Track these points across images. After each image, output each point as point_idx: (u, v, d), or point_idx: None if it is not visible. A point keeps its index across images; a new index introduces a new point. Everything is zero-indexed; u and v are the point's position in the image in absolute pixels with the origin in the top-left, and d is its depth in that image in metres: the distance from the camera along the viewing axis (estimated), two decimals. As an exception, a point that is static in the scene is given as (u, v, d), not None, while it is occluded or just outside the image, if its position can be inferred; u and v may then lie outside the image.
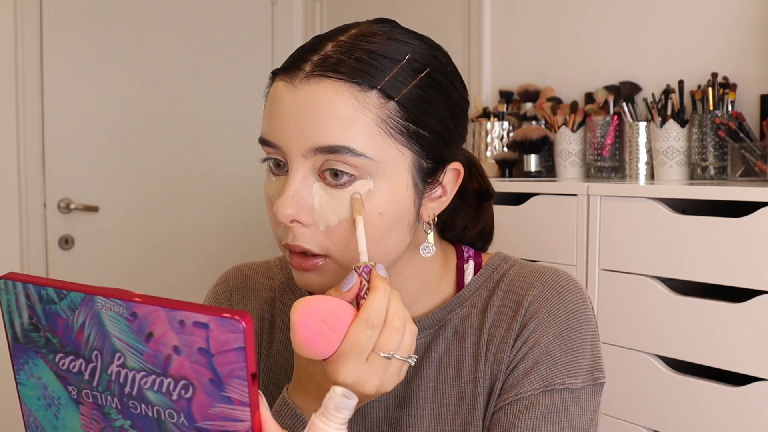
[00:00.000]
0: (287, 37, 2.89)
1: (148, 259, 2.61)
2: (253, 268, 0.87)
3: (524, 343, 0.71)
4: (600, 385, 0.72)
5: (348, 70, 0.63)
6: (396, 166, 0.65)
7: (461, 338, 0.74)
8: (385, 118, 0.64)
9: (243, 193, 2.80)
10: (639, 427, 1.34)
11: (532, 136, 1.89)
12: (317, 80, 0.63)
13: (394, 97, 0.64)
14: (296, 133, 0.64)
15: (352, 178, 0.64)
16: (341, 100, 0.63)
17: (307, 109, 0.63)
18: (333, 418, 0.49)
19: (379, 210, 0.65)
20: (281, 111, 0.65)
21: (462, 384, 0.73)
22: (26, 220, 2.33)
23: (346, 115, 0.63)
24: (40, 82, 2.34)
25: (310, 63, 0.64)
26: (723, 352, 1.22)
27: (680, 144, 1.61)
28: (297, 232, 0.65)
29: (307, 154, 0.64)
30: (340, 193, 0.64)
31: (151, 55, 2.58)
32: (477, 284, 0.77)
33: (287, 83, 0.65)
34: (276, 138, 0.65)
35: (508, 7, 2.22)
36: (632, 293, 1.35)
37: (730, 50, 1.67)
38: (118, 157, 2.53)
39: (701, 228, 1.24)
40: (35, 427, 0.54)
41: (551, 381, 0.69)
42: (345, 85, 0.63)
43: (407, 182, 0.66)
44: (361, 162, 0.63)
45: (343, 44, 0.65)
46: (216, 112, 2.74)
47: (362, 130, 0.63)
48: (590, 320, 0.73)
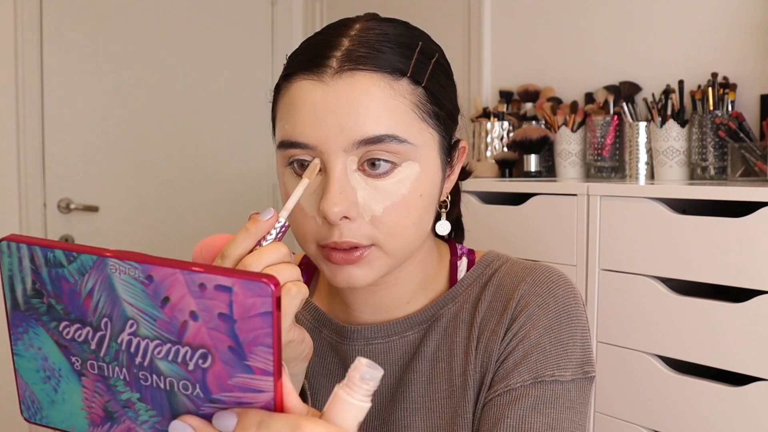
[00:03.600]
0: (287, 37, 2.89)
1: (148, 259, 2.61)
2: None
3: (514, 336, 0.71)
4: (590, 378, 0.72)
5: (379, 61, 0.64)
6: (430, 149, 0.68)
7: (452, 333, 0.74)
8: (418, 103, 0.66)
9: (243, 193, 2.80)
10: (639, 427, 1.34)
11: (532, 136, 1.89)
12: (350, 74, 0.63)
13: (422, 83, 0.66)
14: (335, 129, 0.63)
15: (393, 166, 0.65)
16: (378, 90, 0.64)
17: (345, 104, 0.63)
18: (357, 389, 0.46)
19: (420, 192, 0.67)
20: (314, 109, 0.64)
21: (453, 377, 0.73)
22: (26, 220, 2.33)
23: (385, 104, 0.64)
24: (40, 82, 2.34)
25: (335, 59, 0.64)
26: (723, 352, 1.22)
27: (680, 144, 1.61)
28: (344, 228, 0.64)
29: (349, 149, 0.63)
30: (383, 183, 0.65)
31: (151, 55, 2.58)
32: (469, 280, 0.77)
33: (315, 81, 0.64)
34: (307, 138, 0.64)
35: (508, 7, 2.22)
36: (632, 293, 1.35)
37: (730, 50, 1.67)
38: (118, 157, 2.53)
39: (701, 228, 1.24)
40: (30, 402, 0.49)
41: (541, 372, 0.69)
42: (379, 75, 0.64)
43: (437, 163, 0.69)
44: (403, 148, 0.64)
45: (359, 38, 0.65)
46: (216, 111, 2.74)
47: (402, 117, 0.65)
48: (581, 315, 0.73)
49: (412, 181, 0.66)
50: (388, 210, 0.65)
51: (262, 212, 0.57)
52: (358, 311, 0.77)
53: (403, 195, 0.65)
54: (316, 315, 0.80)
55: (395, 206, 0.65)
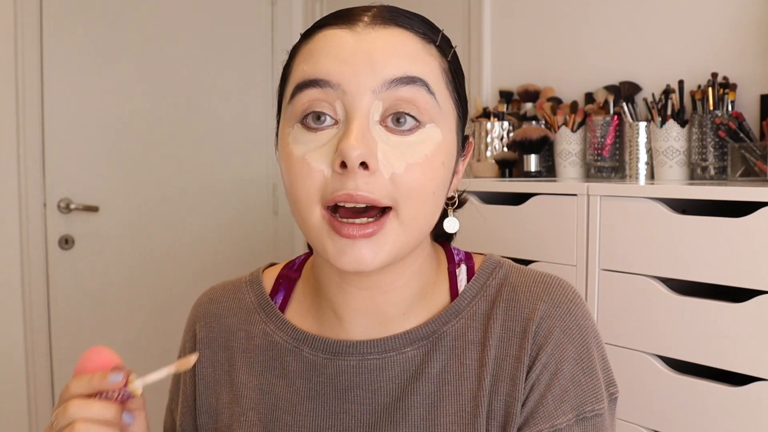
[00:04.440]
0: (287, 37, 2.89)
1: (148, 259, 2.61)
2: (221, 290, 0.81)
3: (545, 368, 0.67)
4: (615, 399, 0.71)
5: (411, 23, 0.63)
6: (450, 121, 0.65)
7: (461, 354, 0.69)
8: (446, 71, 0.64)
9: (243, 193, 2.80)
10: (639, 427, 1.34)
11: (532, 136, 1.89)
12: (383, 26, 0.62)
13: (447, 57, 0.65)
14: (365, 66, 0.59)
15: (417, 124, 0.61)
16: (413, 42, 0.62)
17: (379, 47, 0.60)
18: None
19: (441, 159, 0.63)
20: (343, 50, 0.60)
21: (462, 402, 0.68)
22: (26, 220, 2.33)
23: (419, 53, 0.62)
24: (40, 82, 2.34)
25: (367, 15, 0.63)
26: (723, 352, 1.22)
27: (680, 144, 1.61)
28: (361, 179, 0.58)
29: (378, 89, 0.59)
30: (406, 139, 0.61)
31: (151, 55, 2.58)
32: (472, 292, 0.72)
33: (347, 29, 0.61)
34: (330, 73, 0.60)
35: (508, 7, 2.22)
36: (632, 293, 1.35)
37: (730, 50, 1.67)
38: (118, 157, 2.53)
39: (701, 228, 1.24)
40: None
41: (582, 409, 0.67)
42: (412, 33, 0.63)
43: (454, 144, 0.66)
44: (430, 103, 0.62)
45: (387, 8, 0.64)
46: (216, 111, 2.74)
47: (433, 71, 0.63)
48: (597, 332, 0.72)
49: (435, 146, 0.62)
50: (411, 168, 0.60)
51: (114, 373, 0.60)
52: (352, 324, 0.71)
53: (426, 156, 0.61)
54: (294, 334, 0.73)
55: (418, 166, 0.60)
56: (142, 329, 2.58)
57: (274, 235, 2.89)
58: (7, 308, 2.30)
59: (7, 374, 2.32)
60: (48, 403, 2.40)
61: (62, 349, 2.42)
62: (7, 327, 2.31)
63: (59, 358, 2.42)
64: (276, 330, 0.74)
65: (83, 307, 2.47)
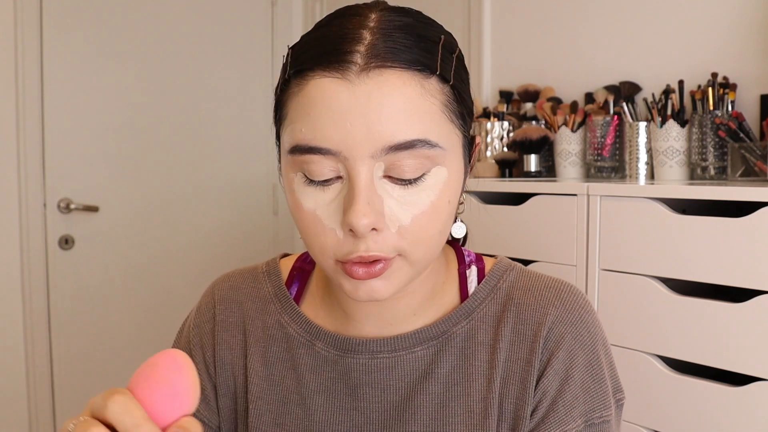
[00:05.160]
0: (287, 37, 2.89)
1: (148, 259, 2.61)
2: (239, 278, 0.81)
3: (556, 374, 0.68)
4: (621, 405, 0.72)
5: (408, 57, 0.59)
6: (455, 152, 0.63)
7: (470, 355, 0.70)
8: (446, 103, 0.61)
9: (243, 192, 2.80)
10: (639, 427, 1.34)
11: (532, 136, 1.89)
12: (378, 72, 0.58)
13: (450, 81, 0.62)
14: (363, 133, 0.57)
15: (421, 174, 0.60)
16: (410, 90, 0.58)
17: (375, 105, 0.57)
18: None
19: (448, 198, 0.63)
20: (338, 111, 0.58)
21: (471, 403, 0.69)
22: (26, 220, 2.33)
23: (416, 105, 0.59)
24: (40, 82, 2.34)
25: (359, 54, 0.58)
26: (723, 352, 1.22)
27: (680, 144, 1.61)
28: (370, 240, 0.59)
29: (377, 155, 0.58)
30: (411, 190, 0.60)
31: (151, 55, 2.58)
32: (483, 294, 0.72)
33: (338, 79, 0.58)
34: (330, 142, 0.58)
35: (508, 7, 2.22)
36: (632, 293, 1.35)
37: (730, 50, 1.67)
38: (118, 157, 2.53)
39: (701, 228, 1.24)
40: None
41: (590, 415, 0.68)
42: (409, 74, 0.59)
43: (461, 165, 0.65)
44: (433, 153, 0.60)
45: (381, 30, 0.60)
46: (215, 111, 2.74)
47: (432, 119, 0.60)
48: (605, 339, 0.73)
49: (441, 187, 0.61)
50: (417, 219, 0.60)
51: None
52: (361, 323, 0.72)
53: (432, 202, 0.61)
54: (308, 328, 0.74)
55: (424, 215, 0.61)
56: (142, 329, 2.58)
57: (274, 236, 2.89)
58: (7, 308, 2.30)
59: (7, 374, 2.32)
60: (48, 402, 2.40)
61: (62, 349, 2.42)
62: (7, 327, 2.31)
63: (59, 358, 2.42)
64: (290, 322, 0.75)
65: (83, 307, 2.47)
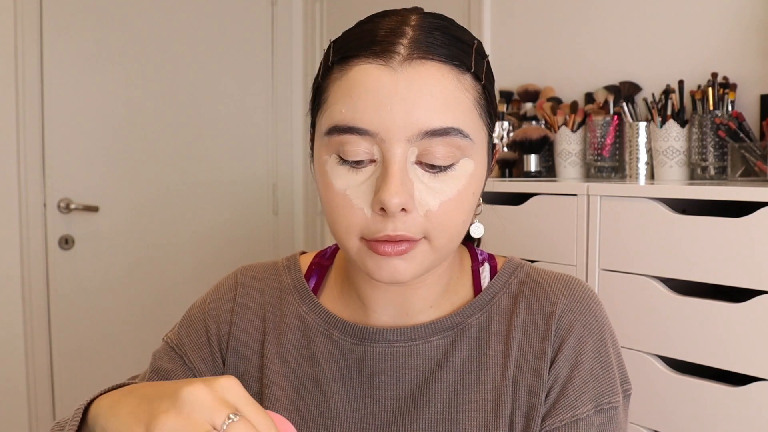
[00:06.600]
0: (287, 37, 2.89)
1: (148, 259, 2.61)
2: (261, 269, 0.85)
3: (566, 360, 0.71)
4: (629, 396, 0.74)
5: (447, 53, 0.64)
6: (482, 147, 0.68)
7: (484, 345, 0.73)
8: (478, 99, 0.66)
9: (243, 192, 2.80)
10: (639, 426, 1.34)
11: (532, 136, 1.89)
12: (419, 62, 0.62)
13: (482, 80, 0.66)
14: (402, 117, 0.61)
15: (451, 163, 0.64)
16: (447, 81, 0.63)
17: (415, 91, 0.61)
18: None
19: (473, 190, 0.67)
20: (379, 95, 0.62)
21: (485, 391, 0.71)
22: (26, 220, 2.33)
23: (453, 96, 0.63)
24: (40, 82, 2.34)
25: (402, 45, 0.63)
26: (723, 352, 1.22)
27: (680, 144, 1.61)
28: (399, 221, 0.63)
29: (413, 138, 0.62)
30: (440, 177, 0.64)
31: (151, 55, 2.58)
32: (495, 288, 0.76)
33: (381, 66, 0.62)
34: (370, 123, 0.62)
35: (508, 7, 2.22)
36: (632, 293, 1.35)
37: (730, 50, 1.67)
38: (118, 157, 2.53)
39: (701, 228, 1.24)
40: None
41: (599, 401, 0.70)
42: (447, 67, 0.63)
43: (485, 162, 0.69)
44: (464, 143, 0.64)
45: (423, 28, 0.64)
46: (216, 111, 2.74)
47: (466, 111, 0.64)
48: (612, 330, 0.75)
49: (468, 178, 0.65)
50: (444, 205, 0.64)
51: None
52: (378, 313, 0.75)
53: (459, 191, 0.65)
54: (326, 317, 0.77)
55: (450, 202, 0.64)
56: (142, 329, 2.58)
57: (274, 235, 2.89)
58: (7, 308, 2.30)
59: (7, 374, 2.32)
60: (48, 402, 2.40)
61: (62, 348, 2.42)
62: (8, 327, 2.31)
63: (59, 357, 2.42)
64: (308, 312, 0.78)
65: (83, 307, 2.47)
